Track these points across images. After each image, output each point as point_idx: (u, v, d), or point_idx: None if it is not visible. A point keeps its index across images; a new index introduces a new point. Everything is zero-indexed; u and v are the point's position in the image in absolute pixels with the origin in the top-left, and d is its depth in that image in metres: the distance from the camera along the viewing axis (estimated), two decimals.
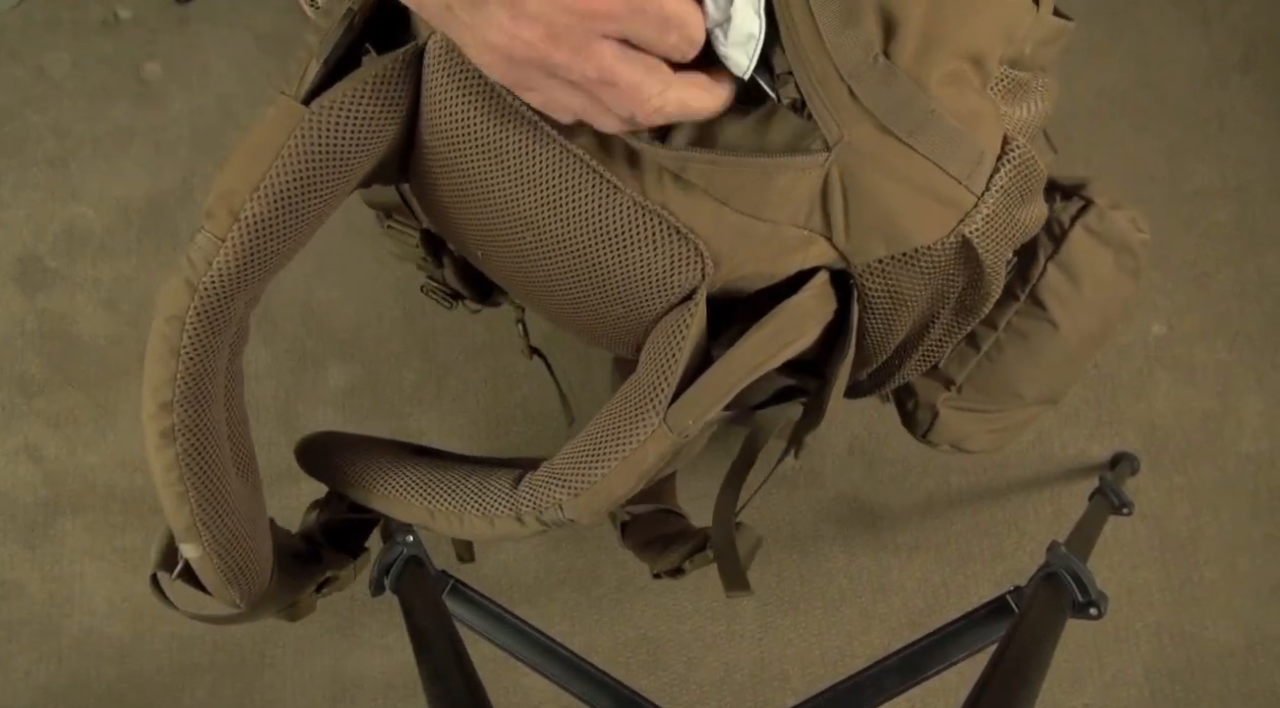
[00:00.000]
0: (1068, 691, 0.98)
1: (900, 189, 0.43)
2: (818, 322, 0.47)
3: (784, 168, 0.41)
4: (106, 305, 1.10)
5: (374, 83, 0.42)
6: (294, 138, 0.41)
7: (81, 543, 1.06)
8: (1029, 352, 0.61)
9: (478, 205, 0.46)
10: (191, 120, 1.13)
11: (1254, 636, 0.97)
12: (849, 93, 0.40)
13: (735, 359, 0.44)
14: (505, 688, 1.00)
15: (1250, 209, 1.04)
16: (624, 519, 0.77)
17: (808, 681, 1.00)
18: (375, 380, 1.08)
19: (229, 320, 0.43)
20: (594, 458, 0.44)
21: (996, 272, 0.49)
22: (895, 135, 0.41)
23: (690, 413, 0.43)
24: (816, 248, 0.45)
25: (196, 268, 0.41)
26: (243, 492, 0.45)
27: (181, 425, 0.41)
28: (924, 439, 0.66)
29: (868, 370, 0.55)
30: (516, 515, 0.46)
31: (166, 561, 0.45)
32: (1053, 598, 0.58)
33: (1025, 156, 0.46)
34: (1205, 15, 1.07)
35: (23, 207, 1.12)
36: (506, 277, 0.53)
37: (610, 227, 0.43)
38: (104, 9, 1.15)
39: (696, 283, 0.44)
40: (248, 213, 0.41)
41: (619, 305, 0.46)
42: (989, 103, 0.44)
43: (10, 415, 1.08)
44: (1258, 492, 1.00)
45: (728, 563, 0.61)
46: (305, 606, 0.55)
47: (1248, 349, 1.02)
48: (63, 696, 1.04)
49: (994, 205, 0.46)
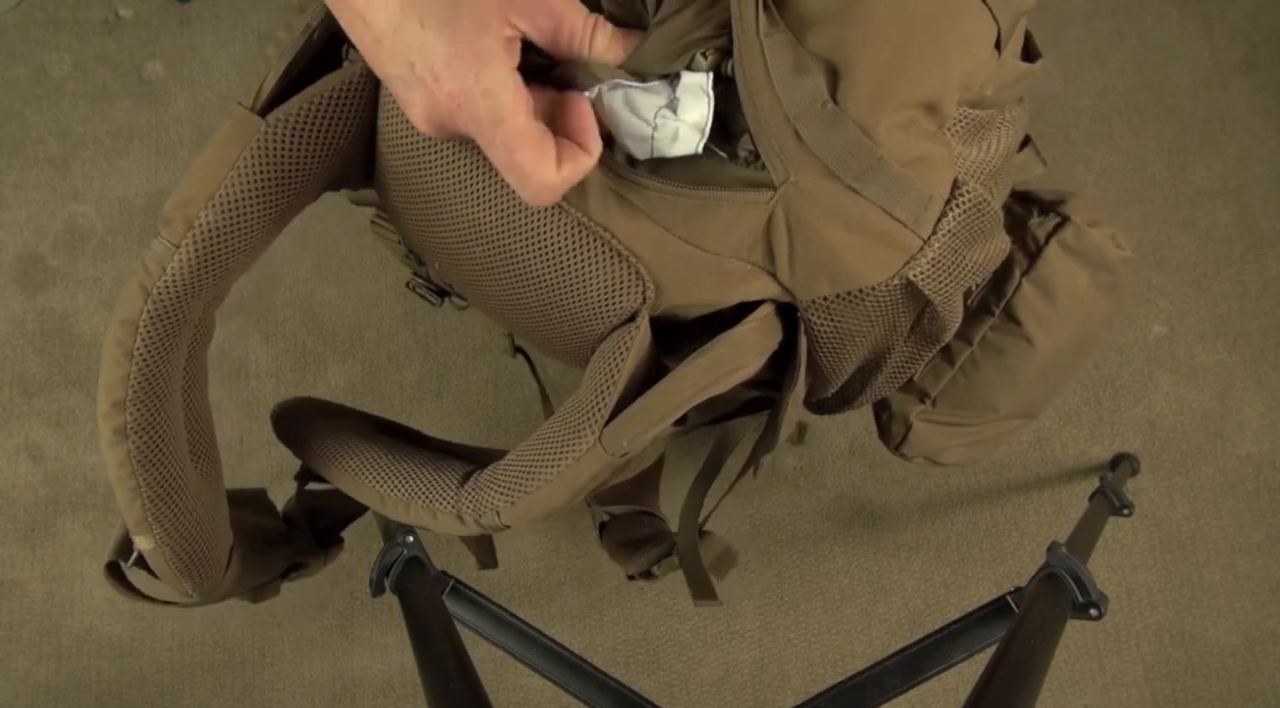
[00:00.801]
0: (1068, 691, 0.98)
1: (845, 231, 0.43)
2: (759, 354, 0.47)
3: (727, 202, 0.42)
4: (107, 305, 1.10)
5: (330, 97, 0.43)
6: (249, 149, 0.42)
7: (81, 542, 1.06)
8: (1004, 367, 0.60)
9: (432, 217, 0.46)
10: (193, 120, 1.13)
11: (1254, 636, 0.97)
12: (795, 135, 0.40)
13: (673, 385, 0.44)
14: (505, 688, 1.00)
15: (1251, 210, 1.04)
16: (603, 520, 0.77)
17: (808, 681, 1.00)
18: (375, 380, 1.08)
19: (183, 323, 0.44)
20: (532, 470, 0.45)
21: (951, 308, 0.49)
22: (841, 180, 0.41)
23: (625, 434, 0.44)
24: (759, 282, 0.45)
25: (151, 273, 0.42)
26: (199, 485, 0.47)
27: (134, 423, 0.43)
28: (898, 452, 0.66)
29: (830, 391, 0.55)
30: (457, 514, 0.47)
31: (123, 550, 0.47)
32: (1053, 599, 0.58)
33: (976, 200, 0.46)
34: (1206, 16, 1.07)
35: (24, 206, 1.12)
36: (464, 287, 0.54)
37: (553, 245, 0.43)
38: (105, 9, 1.15)
39: (637, 306, 0.44)
40: (202, 221, 0.42)
41: (564, 323, 0.47)
42: (941, 147, 0.44)
43: (11, 415, 1.08)
44: (1258, 492, 1.00)
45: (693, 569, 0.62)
46: (269, 590, 0.57)
47: (1248, 350, 1.02)
48: (62, 695, 1.04)
49: (940, 249, 0.46)
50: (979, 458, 0.69)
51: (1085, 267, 0.59)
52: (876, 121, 0.41)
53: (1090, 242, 0.58)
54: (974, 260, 0.48)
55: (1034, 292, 0.58)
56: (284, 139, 0.42)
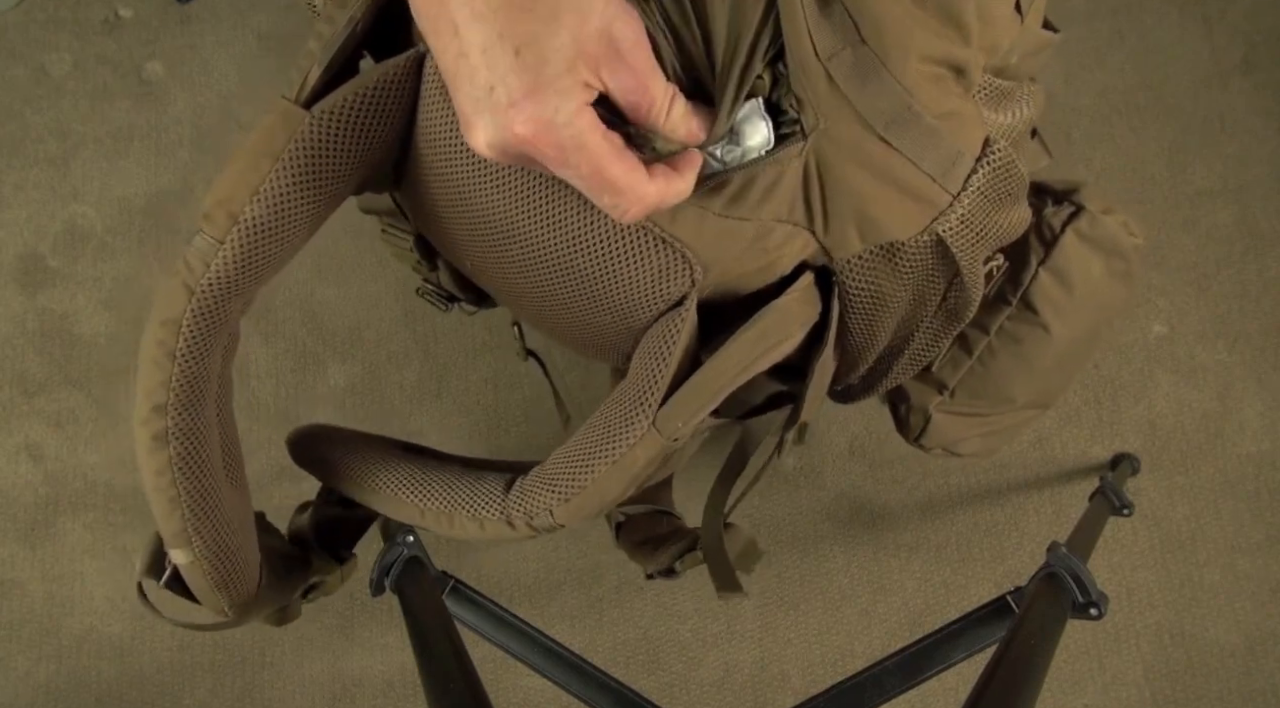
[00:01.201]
0: (1068, 691, 0.98)
1: (874, 181, 0.43)
2: (802, 323, 0.47)
3: (766, 168, 0.42)
4: (107, 305, 1.10)
5: (374, 88, 0.42)
6: (294, 142, 0.41)
7: (82, 542, 1.06)
8: (1021, 356, 0.61)
9: (467, 216, 0.46)
10: (192, 120, 1.13)
11: (1254, 636, 0.97)
12: (827, 77, 0.40)
13: (722, 362, 0.44)
14: (505, 688, 1.00)
15: (1251, 210, 1.04)
16: (619, 520, 0.77)
17: (808, 681, 1.00)
18: (375, 380, 1.08)
19: (224, 323, 0.43)
20: (584, 462, 0.44)
21: (974, 274, 0.49)
22: (872, 128, 0.41)
23: (679, 416, 0.43)
24: (800, 241, 0.45)
25: (194, 271, 0.41)
26: (233, 498, 0.45)
27: (175, 429, 0.41)
28: (916, 443, 0.66)
29: (857, 373, 0.55)
30: (507, 520, 0.46)
31: (154, 567, 0.45)
32: (1053, 599, 0.58)
33: (1005, 159, 0.46)
34: (1206, 16, 1.07)
35: (24, 206, 1.12)
36: (496, 287, 0.53)
37: (597, 240, 0.43)
38: (105, 8, 1.15)
39: (686, 289, 0.44)
40: (247, 216, 0.41)
41: (607, 315, 0.46)
42: (970, 105, 0.45)
43: (11, 414, 1.08)
44: (1258, 492, 1.00)
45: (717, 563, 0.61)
46: (292, 611, 0.55)
47: (1248, 350, 1.02)
48: (62, 695, 1.04)
49: (970, 206, 0.46)
50: (995, 448, 0.69)
51: (1100, 254, 0.59)
52: (904, 70, 0.41)
53: (1105, 229, 0.58)
54: (1000, 224, 0.48)
55: (1051, 280, 0.59)
56: (329, 131, 0.41)
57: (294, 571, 0.55)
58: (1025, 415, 0.67)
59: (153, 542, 0.44)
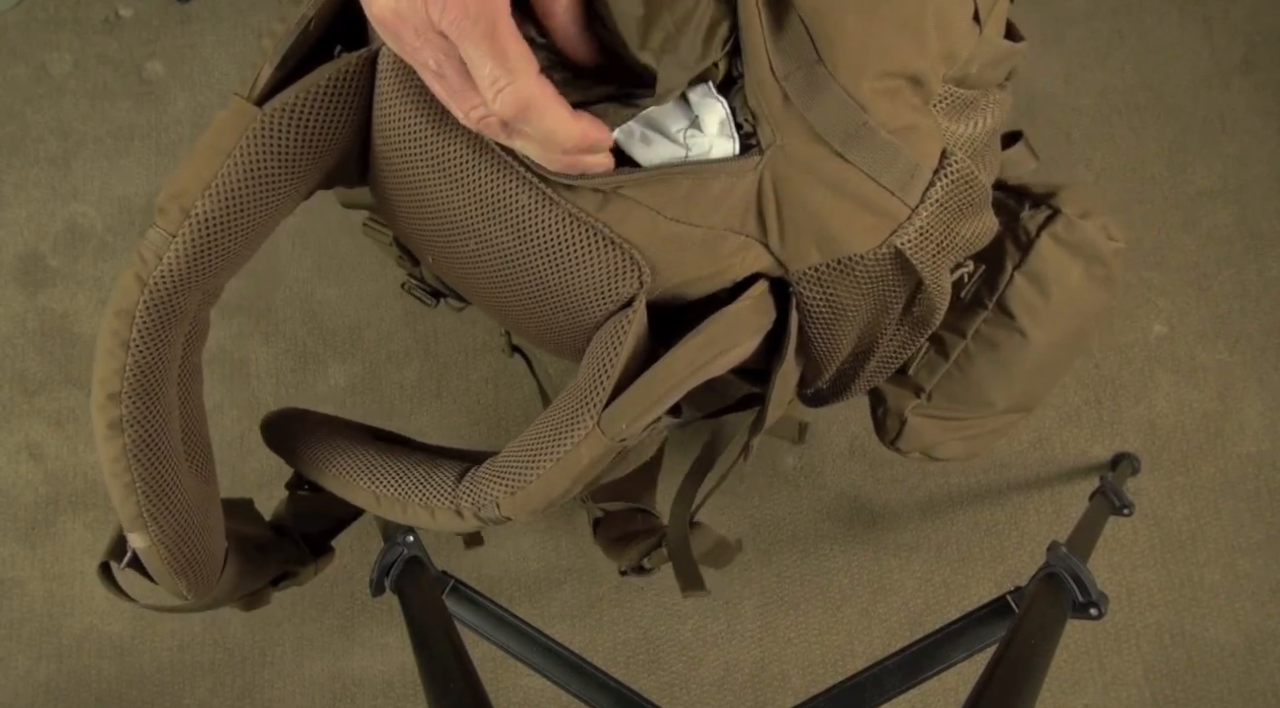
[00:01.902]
0: (1068, 691, 0.98)
1: (831, 197, 0.43)
2: (754, 331, 0.47)
3: (718, 173, 0.42)
4: (107, 304, 1.10)
5: (326, 87, 0.42)
6: (245, 139, 0.41)
7: (82, 542, 1.06)
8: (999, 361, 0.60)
9: (425, 211, 0.46)
10: (193, 119, 1.13)
11: (1255, 636, 0.97)
12: (783, 95, 0.40)
13: (668, 366, 0.44)
14: (505, 688, 1.00)
15: (1251, 210, 1.04)
16: (597, 516, 0.77)
17: (808, 680, 1.00)
18: (376, 380, 1.08)
19: (180, 315, 0.43)
20: (531, 458, 0.45)
21: (938, 285, 0.49)
22: (828, 144, 0.42)
23: (624, 417, 0.43)
24: (753, 253, 0.45)
25: (147, 263, 0.42)
26: (194, 485, 0.46)
27: (130, 417, 0.42)
28: (893, 446, 0.66)
29: (825, 378, 0.55)
30: (456, 509, 0.47)
31: (116, 550, 0.46)
32: (1053, 598, 0.58)
33: (963, 171, 0.46)
34: (1206, 16, 1.07)
35: (24, 205, 1.12)
36: (457, 281, 0.53)
37: (547, 238, 0.43)
38: (105, 8, 1.15)
39: (634, 291, 0.44)
40: (198, 211, 0.41)
41: (560, 313, 0.46)
42: (927, 118, 0.45)
43: (11, 414, 1.08)
44: (1259, 492, 1.00)
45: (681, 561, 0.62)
46: (262, 598, 0.56)
47: (1249, 350, 1.02)
48: (63, 694, 1.04)
49: (928, 218, 0.46)
50: (977, 452, 0.69)
51: (1078, 259, 0.59)
52: (859, 86, 0.41)
53: (1082, 234, 0.58)
54: (962, 235, 0.48)
55: (1026, 284, 0.58)
56: (280, 128, 0.42)
57: (266, 558, 0.56)
58: (1006, 419, 0.67)
59: (116, 526, 0.45)
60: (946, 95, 0.46)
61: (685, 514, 0.61)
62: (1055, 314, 0.59)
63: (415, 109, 0.42)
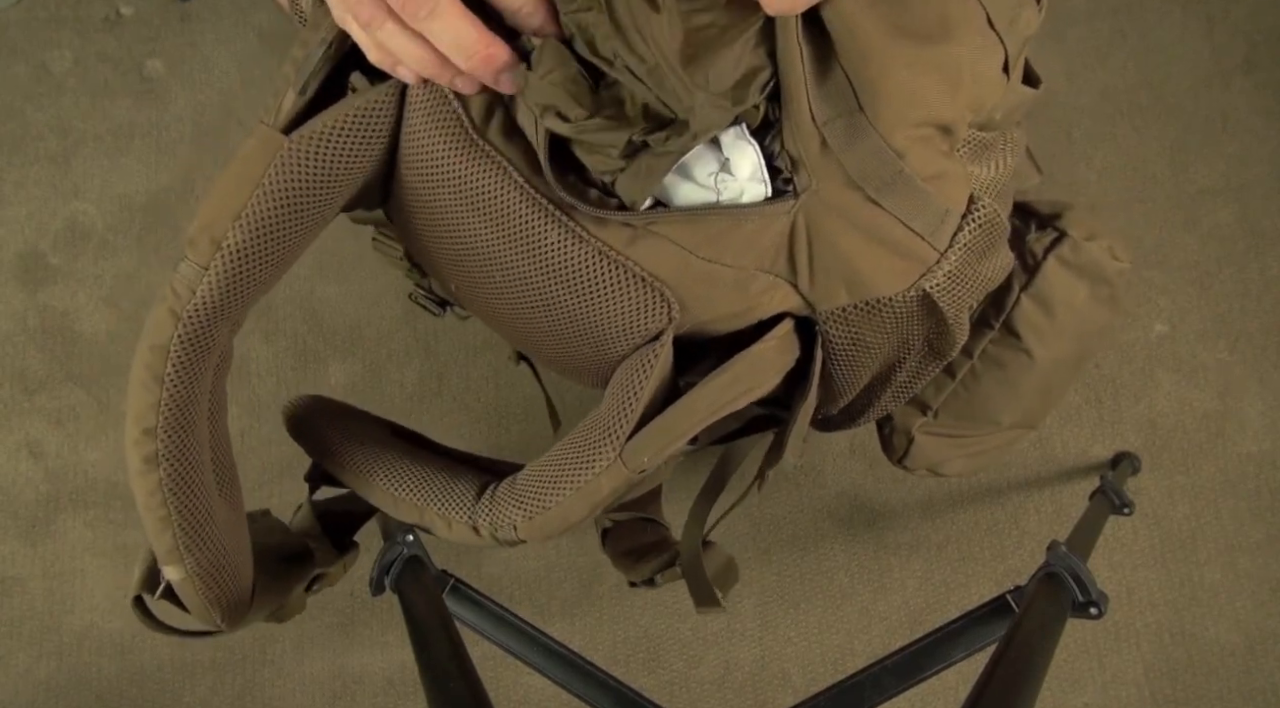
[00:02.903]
0: (1068, 690, 0.98)
1: (864, 241, 0.44)
2: (777, 371, 0.47)
3: (752, 216, 0.42)
4: (108, 302, 1.10)
5: (355, 116, 0.42)
6: (273, 168, 0.41)
7: (82, 540, 1.06)
8: (1005, 380, 0.61)
9: (450, 241, 0.46)
10: (193, 118, 1.13)
11: (1255, 635, 0.97)
12: (821, 142, 0.40)
13: (692, 404, 0.44)
14: (505, 687, 1.00)
15: (1252, 209, 1.04)
16: (606, 526, 0.77)
17: (808, 679, 1.00)
18: (376, 378, 1.08)
19: (212, 347, 0.43)
20: (551, 484, 0.45)
21: (959, 322, 0.49)
22: (863, 191, 0.42)
23: (645, 451, 0.44)
24: (781, 293, 0.46)
25: (180, 297, 0.42)
26: (225, 512, 0.46)
27: (165, 451, 0.42)
28: (900, 464, 0.67)
29: (838, 407, 0.55)
30: (473, 526, 0.47)
31: (149, 582, 0.45)
32: (1053, 598, 0.58)
33: (990, 215, 0.46)
34: (1208, 15, 1.07)
35: (24, 203, 1.12)
36: (479, 310, 0.53)
37: (575, 273, 0.43)
38: (106, 6, 1.15)
39: (662, 326, 0.44)
40: (230, 241, 0.41)
41: (585, 345, 0.47)
42: (956, 164, 0.45)
43: (11, 412, 1.09)
44: (1259, 492, 1.00)
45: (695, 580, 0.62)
46: (294, 605, 0.56)
47: (1249, 349, 1.02)
48: (63, 692, 1.04)
49: (956, 261, 0.46)
50: (981, 468, 0.69)
51: (1084, 281, 0.59)
52: (895, 135, 0.41)
53: (1088, 256, 0.58)
54: (985, 274, 0.49)
55: (1032, 306, 0.59)
56: (308, 157, 0.42)
57: (294, 567, 0.55)
58: (1011, 435, 0.67)
59: (147, 558, 0.45)
60: (969, 139, 0.46)
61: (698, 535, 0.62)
62: (1060, 334, 0.60)
63: (445, 142, 0.42)
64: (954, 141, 0.44)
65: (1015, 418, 0.64)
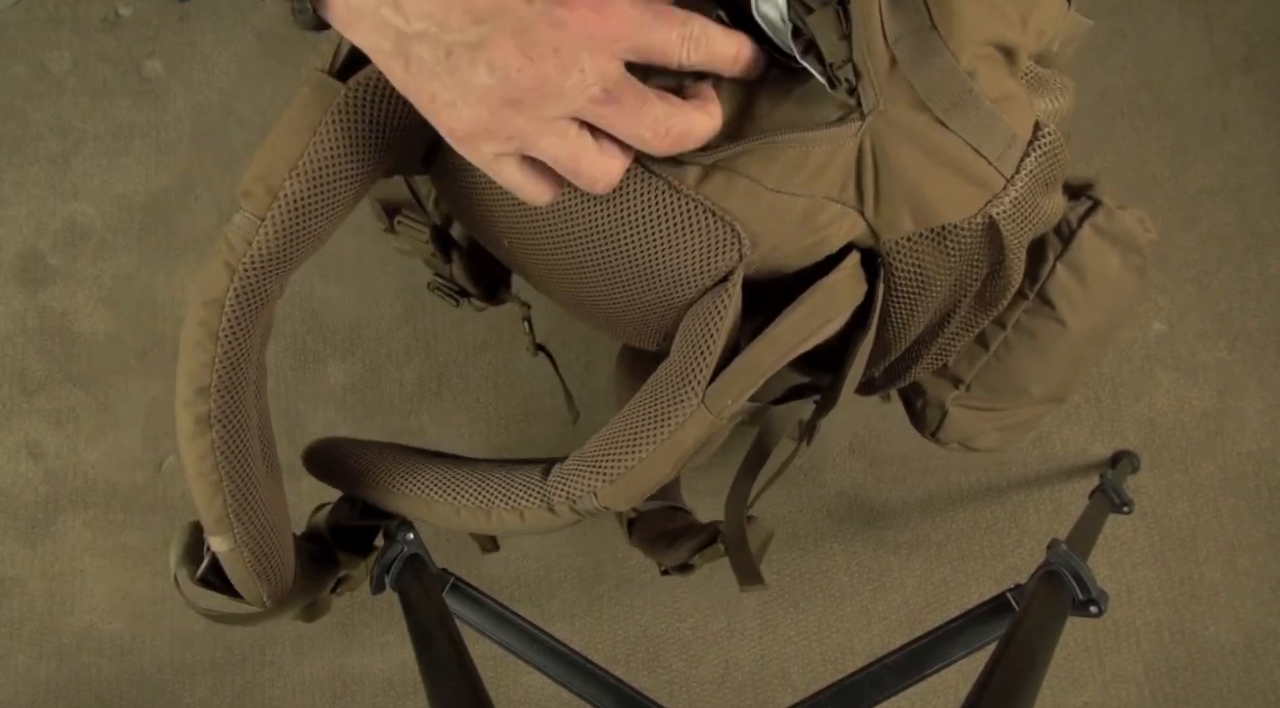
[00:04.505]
0: (1068, 689, 0.98)
1: (930, 164, 0.43)
2: (850, 303, 0.47)
3: (820, 140, 0.41)
4: (107, 303, 1.10)
5: None
6: (330, 114, 0.40)
7: (82, 540, 1.06)
8: (1037, 350, 0.61)
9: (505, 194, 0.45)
10: (192, 118, 1.13)
11: (1254, 634, 0.97)
12: (891, 60, 0.40)
13: (773, 339, 0.43)
14: (506, 686, 1.00)
15: (1251, 209, 1.04)
16: (631, 516, 0.77)
17: (808, 678, 1.00)
18: (376, 378, 1.08)
19: (266, 302, 0.42)
20: (630, 443, 0.44)
21: (1018, 258, 0.49)
22: (930, 112, 0.41)
23: (729, 393, 0.42)
24: (848, 221, 0.45)
25: (235, 249, 0.40)
26: (269, 486, 0.45)
27: (218, 412, 0.41)
28: (933, 438, 0.66)
29: (884, 364, 0.55)
30: (548, 505, 0.45)
31: (190, 555, 0.44)
32: (1053, 596, 0.58)
33: (1054, 143, 0.46)
34: (1207, 15, 1.07)
35: (24, 204, 1.12)
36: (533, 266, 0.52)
37: (644, 212, 0.42)
38: (105, 6, 1.15)
39: (734, 264, 0.43)
40: (286, 191, 0.40)
41: (651, 291, 0.45)
42: (1021, 89, 0.45)
43: (10, 412, 1.08)
44: (1258, 490, 1.00)
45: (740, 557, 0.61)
46: (322, 605, 0.55)
47: (1248, 348, 1.02)
48: (63, 693, 1.04)
49: (1022, 189, 0.46)
50: (1011, 443, 0.69)
51: (1117, 249, 0.59)
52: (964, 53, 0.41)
53: (1122, 224, 0.59)
54: (1045, 209, 0.48)
55: (1067, 274, 0.59)
56: (365, 103, 0.40)
57: (322, 565, 0.54)
58: (1040, 409, 0.67)
59: (188, 531, 0.44)
60: (1028, 71, 0.46)
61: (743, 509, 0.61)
62: (1093, 303, 0.60)
63: None
64: (1015, 69, 0.44)
65: (1045, 390, 0.64)
